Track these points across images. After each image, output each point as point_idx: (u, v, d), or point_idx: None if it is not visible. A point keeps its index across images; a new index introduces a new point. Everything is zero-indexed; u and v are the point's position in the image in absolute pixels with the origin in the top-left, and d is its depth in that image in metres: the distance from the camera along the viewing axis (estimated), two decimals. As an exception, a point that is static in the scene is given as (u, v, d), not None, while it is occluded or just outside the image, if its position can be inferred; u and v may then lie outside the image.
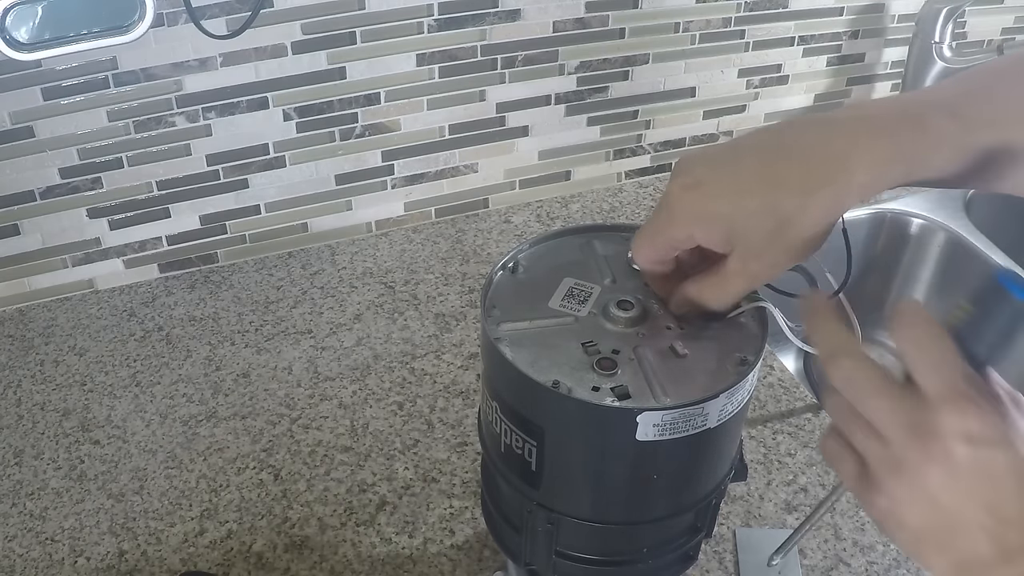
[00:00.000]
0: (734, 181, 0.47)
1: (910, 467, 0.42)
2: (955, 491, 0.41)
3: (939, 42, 1.12)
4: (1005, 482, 0.41)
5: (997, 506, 0.41)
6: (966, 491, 0.41)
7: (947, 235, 1.15)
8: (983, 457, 0.41)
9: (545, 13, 1.02)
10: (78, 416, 0.87)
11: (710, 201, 0.48)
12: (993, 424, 0.41)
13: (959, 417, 0.41)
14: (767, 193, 0.46)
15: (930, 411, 0.41)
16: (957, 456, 0.41)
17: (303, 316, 0.99)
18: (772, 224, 0.46)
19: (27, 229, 0.96)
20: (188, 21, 0.87)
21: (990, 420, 0.41)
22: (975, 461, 0.41)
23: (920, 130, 0.46)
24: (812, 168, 0.46)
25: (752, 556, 0.74)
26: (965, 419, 0.41)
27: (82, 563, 0.74)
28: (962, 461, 0.41)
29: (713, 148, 0.50)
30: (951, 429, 0.41)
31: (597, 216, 1.15)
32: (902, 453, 0.42)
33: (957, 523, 0.41)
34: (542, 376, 0.49)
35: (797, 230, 0.46)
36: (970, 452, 0.41)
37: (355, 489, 0.80)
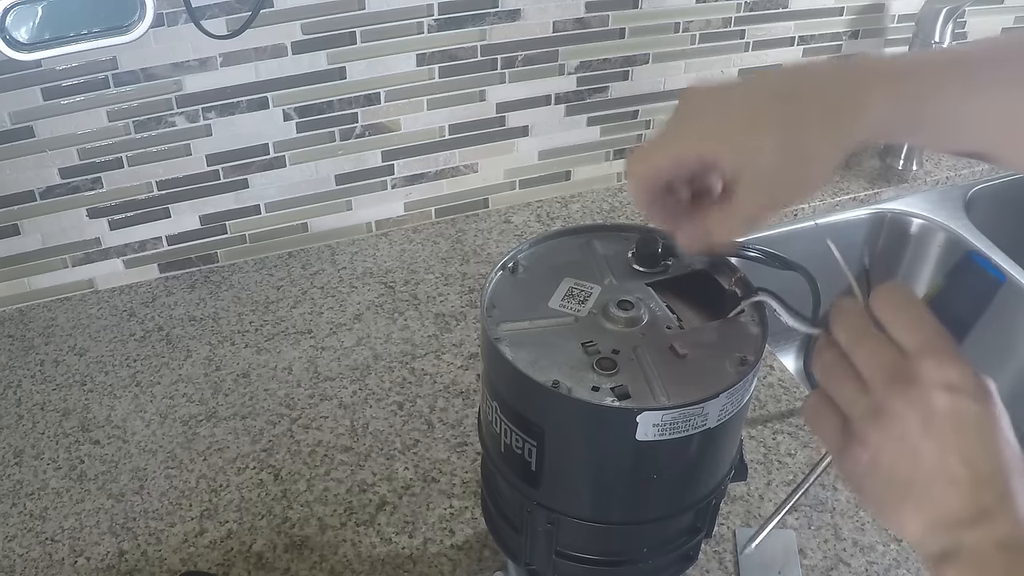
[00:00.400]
0: (752, 116, 0.48)
1: (890, 412, 0.42)
2: (933, 439, 0.42)
3: (939, 42, 1.12)
4: (979, 435, 0.41)
5: (972, 460, 0.41)
6: (943, 440, 0.41)
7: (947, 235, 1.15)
8: (960, 407, 0.41)
9: (545, 13, 1.02)
10: (78, 416, 0.87)
11: (726, 127, 0.48)
12: (971, 377, 0.42)
13: (938, 366, 0.42)
14: (787, 132, 0.47)
15: (910, 360, 0.42)
16: (936, 403, 0.41)
17: (303, 316, 0.99)
18: (790, 159, 0.47)
19: (27, 229, 0.96)
20: (188, 21, 0.87)
21: (968, 373, 0.42)
22: (952, 410, 0.41)
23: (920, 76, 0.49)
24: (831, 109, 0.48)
25: (752, 556, 0.74)
26: (943, 369, 0.42)
27: (82, 563, 0.74)
28: (940, 409, 0.41)
29: (722, 84, 0.51)
30: (930, 377, 0.42)
31: (597, 216, 1.15)
32: (883, 399, 0.43)
33: (934, 475, 0.41)
34: (542, 376, 0.49)
35: (815, 167, 0.48)
36: (948, 400, 0.41)
37: (355, 489, 0.80)
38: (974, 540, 0.40)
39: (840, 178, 1.21)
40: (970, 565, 0.40)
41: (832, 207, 1.18)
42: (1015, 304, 1.07)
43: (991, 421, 0.42)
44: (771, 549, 0.74)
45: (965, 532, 0.41)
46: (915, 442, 0.42)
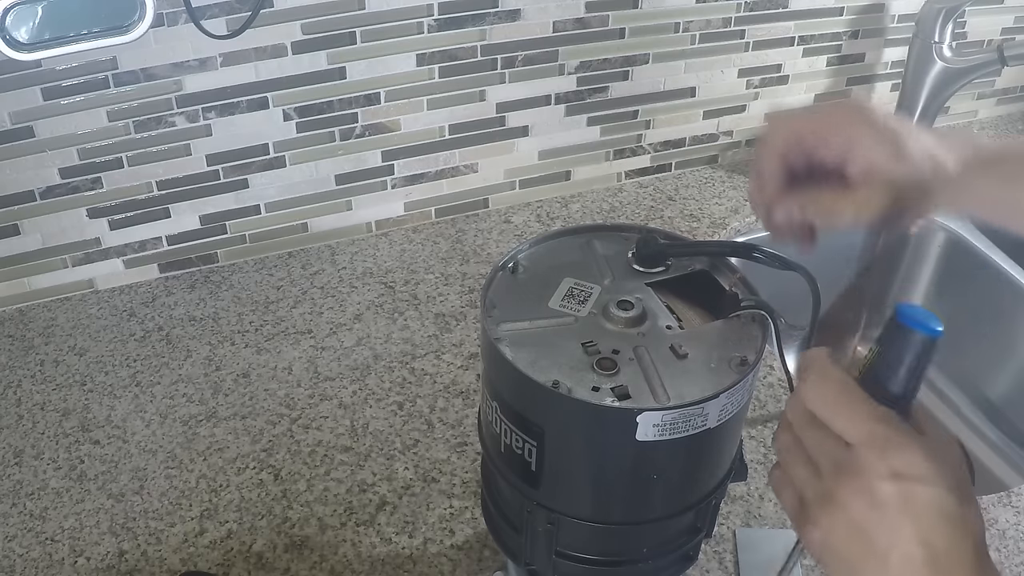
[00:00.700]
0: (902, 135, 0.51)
1: (838, 500, 0.43)
2: (882, 525, 0.42)
3: (939, 42, 1.12)
4: (930, 516, 0.42)
5: (927, 539, 0.42)
6: (893, 525, 0.42)
7: (947, 235, 1.15)
8: (907, 493, 0.42)
9: (545, 13, 1.02)
10: (78, 416, 0.87)
11: (885, 126, 0.51)
12: (914, 461, 0.43)
13: (880, 457, 0.42)
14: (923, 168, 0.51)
15: (852, 451, 0.43)
16: (881, 493, 0.42)
17: (303, 316, 0.99)
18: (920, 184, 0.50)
19: (27, 229, 0.96)
20: (188, 21, 0.87)
21: (911, 458, 0.43)
22: (898, 497, 0.42)
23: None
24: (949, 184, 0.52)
25: (752, 556, 0.74)
26: (886, 459, 0.42)
27: (82, 563, 0.74)
28: (886, 497, 0.42)
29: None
30: (873, 468, 0.42)
31: (597, 216, 1.15)
32: (831, 486, 0.44)
33: (889, 556, 0.42)
34: (542, 376, 0.49)
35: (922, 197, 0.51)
36: (893, 488, 0.42)
37: (355, 489, 0.80)
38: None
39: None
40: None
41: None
42: (1015, 304, 1.07)
43: (946, 500, 0.42)
44: (771, 549, 0.74)
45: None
46: (864, 527, 0.43)
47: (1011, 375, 1.11)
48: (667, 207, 1.17)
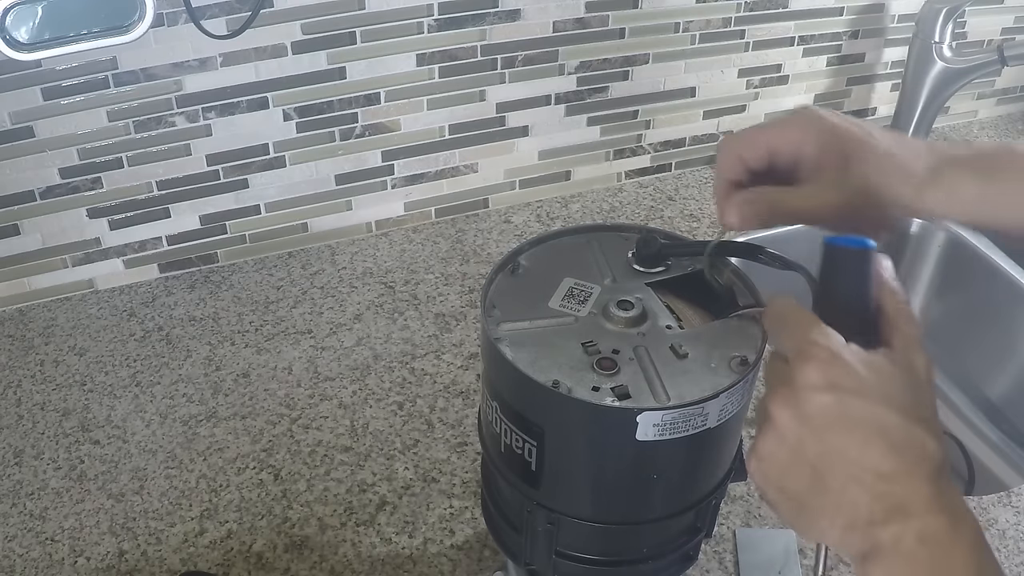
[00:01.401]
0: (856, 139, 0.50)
1: (768, 419, 0.43)
2: (819, 443, 0.41)
3: (939, 42, 1.12)
4: (871, 433, 0.40)
5: (867, 459, 0.40)
6: (830, 443, 0.41)
7: (947, 235, 1.15)
8: (843, 405, 0.40)
9: (545, 13, 1.02)
10: (78, 416, 0.87)
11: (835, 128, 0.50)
12: (851, 373, 0.41)
13: (817, 368, 0.41)
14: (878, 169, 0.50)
15: (790, 367, 0.43)
16: (810, 404, 0.41)
17: (303, 316, 0.99)
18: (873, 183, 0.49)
19: (27, 229, 0.96)
20: (188, 21, 0.87)
21: (848, 366, 0.41)
22: (833, 410, 0.41)
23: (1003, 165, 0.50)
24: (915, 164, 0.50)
25: (752, 556, 0.74)
26: (824, 369, 0.41)
27: (82, 563, 0.74)
28: (816, 410, 0.41)
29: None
30: (807, 379, 0.41)
31: (597, 216, 1.15)
32: (765, 404, 0.43)
33: (828, 477, 0.41)
34: (542, 376, 0.49)
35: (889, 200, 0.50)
36: (827, 400, 0.41)
37: (355, 489, 0.80)
38: (892, 536, 0.39)
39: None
40: (893, 562, 0.39)
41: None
42: (1015, 304, 1.07)
43: (881, 416, 0.40)
44: (771, 549, 0.74)
45: (881, 530, 0.40)
46: (797, 447, 0.41)
47: (1011, 375, 1.11)
48: (667, 207, 1.17)
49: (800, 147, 0.50)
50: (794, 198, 0.51)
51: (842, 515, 0.41)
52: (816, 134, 0.50)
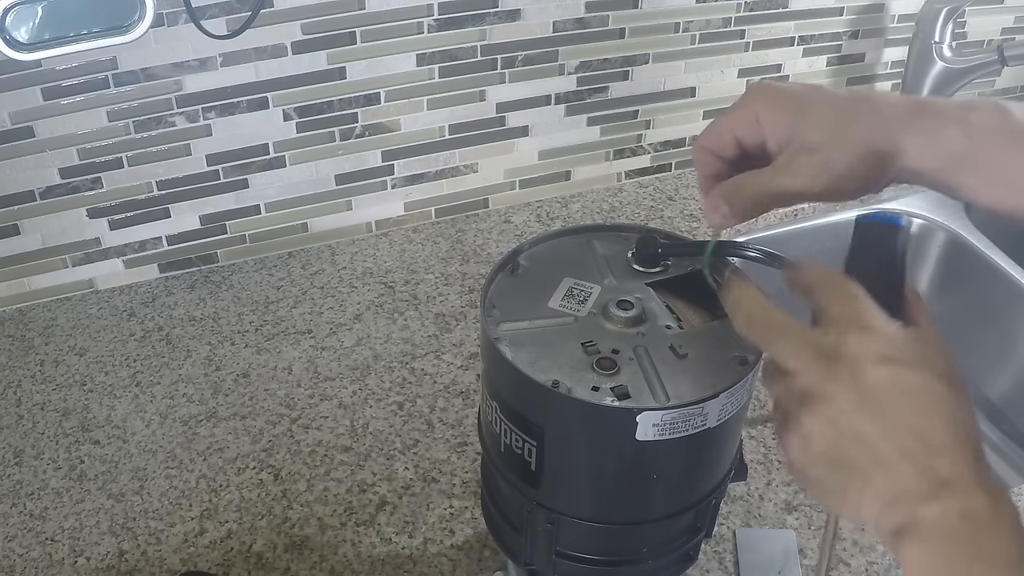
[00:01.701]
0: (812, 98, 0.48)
1: (816, 396, 0.41)
2: (871, 416, 0.40)
3: (939, 42, 1.12)
4: (927, 405, 0.39)
5: (921, 431, 0.39)
6: (884, 415, 0.40)
7: (947, 235, 1.15)
8: (897, 377, 0.40)
9: (545, 13, 1.02)
10: (78, 416, 0.87)
11: (785, 90, 0.49)
12: (905, 346, 0.40)
13: (870, 338, 0.40)
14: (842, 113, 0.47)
15: (835, 337, 0.41)
16: (867, 376, 0.40)
17: (303, 316, 0.99)
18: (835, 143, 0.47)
19: (27, 229, 0.96)
20: (188, 21, 0.87)
21: (902, 342, 0.40)
22: (889, 381, 0.40)
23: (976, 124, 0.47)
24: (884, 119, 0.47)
25: (752, 556, 0.74)
26: (877, 339, 0.40)
27: (82, 563, 0.74)
28: (874, 382, 0.40)
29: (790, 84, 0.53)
30: (861, 350, 0.40)
31: (597, 216, 1.15)
32: (807, 381, 0.41)
33: (878, 452, 0.40)
34: (542, 376, 0.49)
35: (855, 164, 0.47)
36: (884, 372, 0.40)
37: (355, 489, 0.80)
38: (935, 513, 0.38)
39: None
40: (932, 538, 0.38)
41: (832, 207, 1.17)
42: (1015, 304, 1.07)
43: (937, 389, 0.40)
44: (771, 549, 0.74)
45: (923, 506, 0.39)
46: (851, 422, 0.40)
47: (1011, 375, 1.11)
48: (667, 207, 1.17)
49: (760, 121, 0.49)
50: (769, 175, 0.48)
51: (883, 489, 0.40)
52: (770, 101, 0.49)
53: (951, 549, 0.38)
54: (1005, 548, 0.38)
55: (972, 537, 0.38)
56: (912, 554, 0.39)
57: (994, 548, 0.38)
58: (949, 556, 0.38)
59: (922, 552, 0.39)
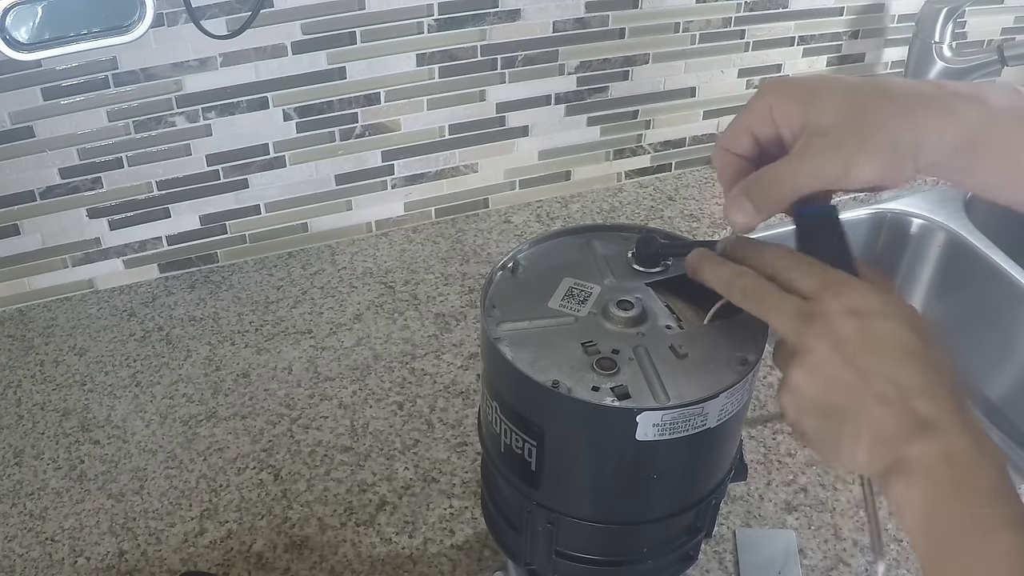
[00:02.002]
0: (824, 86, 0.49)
1: (800, 350, 0.44)
2: (849, 365, 0.42)
3: (939, 42, 1.12)
4: (897, 351, 0.42)
5: (897, 376, 0.42)
6: (858, 362, 0.42)
7: (947, 235, 1.15)
8: (869, 328, 0.42)
9: (545, 13, 1.02)
10: (78, 416, 0.87)
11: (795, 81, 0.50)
12: (869, 298, 0.43)
13: (837, 296, 0.43)
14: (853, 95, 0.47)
15: (812, 300, 0.44)
16: (842, 330, 0.43)
17: (303, 316, 0.99)
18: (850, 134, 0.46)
19: (27, 229, 0.96)
20: (188, 21, 0.87)
21: (866, 295, 0.43)
22: (861, 332, 0.42)
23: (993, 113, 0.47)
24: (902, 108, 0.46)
25: (752, 556, 0.74)
26: (843, 297, 0.43)
27: (82, 563, 0.74)
28: (848, 334, 0.43)
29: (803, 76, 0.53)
30: (831, 307, 0.43)
31: (597, 216, 1.15)
32: (794, 341, 0.44)
33: (861, 398, 0.42)
34: (542, 376, 0.49)
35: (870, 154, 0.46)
36: (855, 324, 0.42)
37: (355, 489, 0.80)
38: (918, 452, 0.41)
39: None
40: (917, 476, 0.41)
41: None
42: (1015, 304, 1.07)
43: (905, 337, 0.42)
44: (771, 549, 0.74)
45: (906, 446, 0.41)
46: (832, 371, 0.43)
47: (1011, 375, 1.11)
48: (667, 207, 1.17)
49: (773, 113, 0.49)
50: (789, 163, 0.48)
51: (871, 432, 0.42)
52: (781, 93, 0.49)
53: (934, 488, 0.40)
54: (986, 488, 0.40)
55: (954, 477, 0.40)
56: (899, 493, 0.41)
57: (976, 488, 0.40)
58: (933, 495, 0.40)
59: (908, 491, 0.41)
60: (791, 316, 0.45)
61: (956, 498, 0.40)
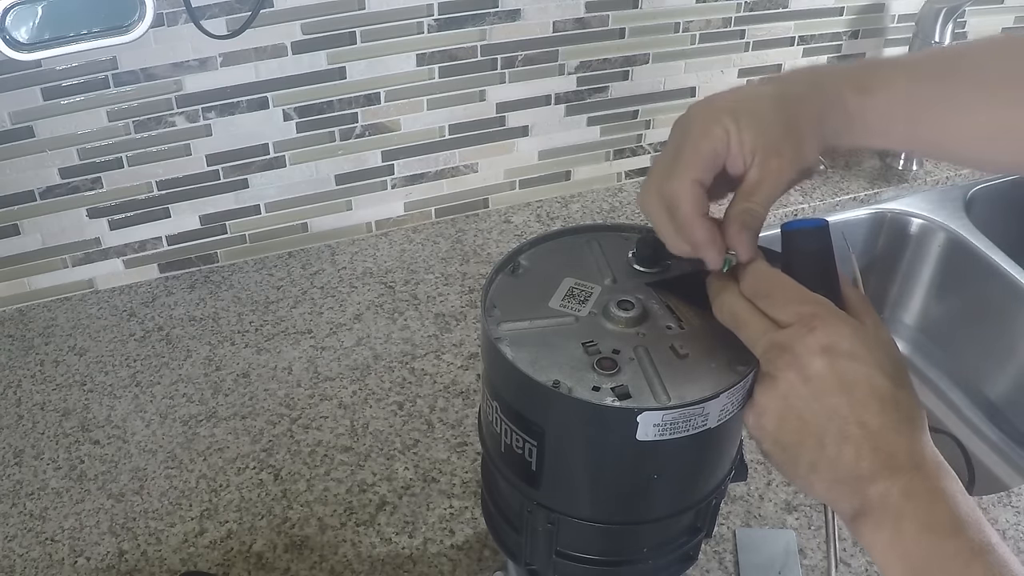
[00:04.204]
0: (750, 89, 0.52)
1: (771, 378, 0.45)
2: (815, 401, 0.43)
3: (939, 42, 1.12)
4: (862, 393, 0.43)
5: (861, 418, 0.43)
6: (825, 401, 0.43)
7: (947, 235, 1.15)
8: (838, 367, 0.43)
9: (545, 13, 1.02)
10: (78, 416, 0.87)
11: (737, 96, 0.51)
12: (843, 337, 0.44)
13: (810, 333, 0.44)
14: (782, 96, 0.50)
15: (785, 332, 0.45)
16: (812, 367, 0.43)
17: (303, 316, 0.99)
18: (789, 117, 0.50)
19: (27, 229, 0.96)
20: (188, 21, 0.87)
21: (840, 334, 0.44)
22: (830, 371, 0.43)
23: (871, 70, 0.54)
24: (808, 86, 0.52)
25: (752, 556, 0.74)
26: (817, 334, 0.44)
27: (82, 563, 0.74)
28: (816, 371, 0.43)
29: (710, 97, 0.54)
30: (804, 343, 0.44)
31: (597, 216, 1.15)
32: (764, 367, 0.46)
33: (824, 435, 0.43)
34: (542, 376, 0.49)
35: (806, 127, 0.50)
36: (824, 362, 0.43)
37: (355, 489, 0.80)
38: (879, 493, 0.42)
39: (840, 178, 1.21)
40: (882, 517, 0.42)
41: (832, 207, 1.18)
42: (1015, 304, 1.07)
43: (876, 378, 0.43)
44: (771, 549, 0.74)
45: (869, 486, 0.42)
46: (796, 404, 0.44)
47: (1011, 375, 1.11)
48: (667, 207, 1.17)
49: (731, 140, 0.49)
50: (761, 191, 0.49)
51: (832, 470, 0.43)
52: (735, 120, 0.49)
53: (901, 525, 0.41)
54: (951, 519, 0.41)
55: (915, 512, 0.41)
56: (868, 534, 0.43)
57: (942, 520, 0.41)
58: (901, 533, 0.41)
59: (876, 532, 0.42)
60: (762, 343, 0.46)
61: (924, 532, 0.41)
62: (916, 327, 1.22)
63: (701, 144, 0.49)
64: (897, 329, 1.23)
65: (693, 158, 0.50)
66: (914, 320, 1.22)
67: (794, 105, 0.50)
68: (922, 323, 1.22)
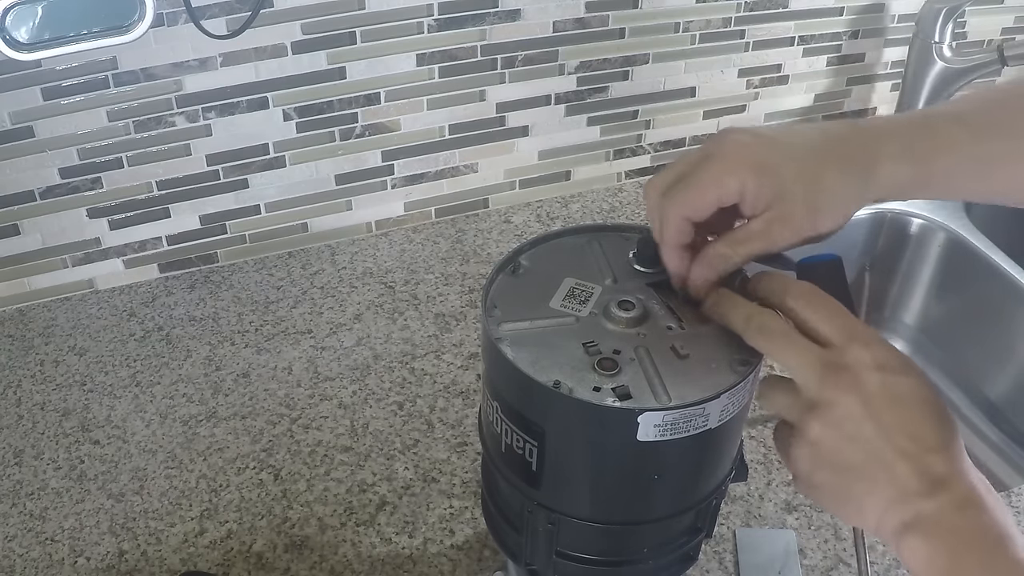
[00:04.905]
0: (788, 146, 0.50)
1: (824, 403, 0.44)
2: (872, 419, 0.43)
3: (939, 42, 1.12)
4: (919, 408, 0.43)
5: (916, 433, 0.43)
6: (883, 418, 0.43)
7: (947, 235, 1.15)
8: (894, 383, 0.43)
9: (545, 13, 1.02)
10: (78, 416, 0.87)
11: (769, 154, 0.50)
12: (897, 355, 0.44)
13: (865, 349, 0.44)
14: (817, 164, 0.50)
15: (837, 350, 0.44)
16: (869, 384, 0.43)
17: (303, 316, 0.99)
18: (814, 190, 0.49)
19: (27, 229, 0.96)
20: (188, 21, 0.86)
21: (892, 350, 0.44)
22: (886, 387, 0.43)
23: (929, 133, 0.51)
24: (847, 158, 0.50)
25: (752, 556, 0.74)
26: (871, 350, 0.44)
27: (82, 563, 0.74)
28: (874, 388, 0.43)
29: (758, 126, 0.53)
30: (860, 360, 0.43)
31: (597, 216, 1.15)
32: (816, 393, 0.44)
33: (881, 453, 0.43)
34: (543, 376, 0.49)
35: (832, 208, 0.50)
36: (881, 379, 0.43)
37: (355, 489, 0.80)
38: (934, 508, 0.42)
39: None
40: (934, 531, 0.42)
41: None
42: (1015, 304, 1.07)
43: (925, 393, 0.44)
44: (771, 549, 0.74)
45: (923, 502, 0.42)
46: (856, 426, 0.43)
47: (1011, 375, 1.11)
48: (667, 207, 1.17)
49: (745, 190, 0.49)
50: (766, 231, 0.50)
51: (885, 489, 0.43)
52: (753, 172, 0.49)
53: (955, 539, 0.42)
54: (1000, 533, 0.41)
55: (967, 525, 0.42)
56: (917, 547, 0.42)
57: (991, 534, 0.41)
58: (954, 547, 0.41)
59: (927, 544, 0.42)
60: (814, 365, 0.44)
61: (976, 547, 0.41)
62: (916, 327, 1.22)
63: (709, 191, 0.50)
64: (897, 329, 1.23)
65: (696, 199, 0.50)
66: (914, 320, 1.22)
67: (832, 176, 0.49)
68: (922, 323, 1.22)
